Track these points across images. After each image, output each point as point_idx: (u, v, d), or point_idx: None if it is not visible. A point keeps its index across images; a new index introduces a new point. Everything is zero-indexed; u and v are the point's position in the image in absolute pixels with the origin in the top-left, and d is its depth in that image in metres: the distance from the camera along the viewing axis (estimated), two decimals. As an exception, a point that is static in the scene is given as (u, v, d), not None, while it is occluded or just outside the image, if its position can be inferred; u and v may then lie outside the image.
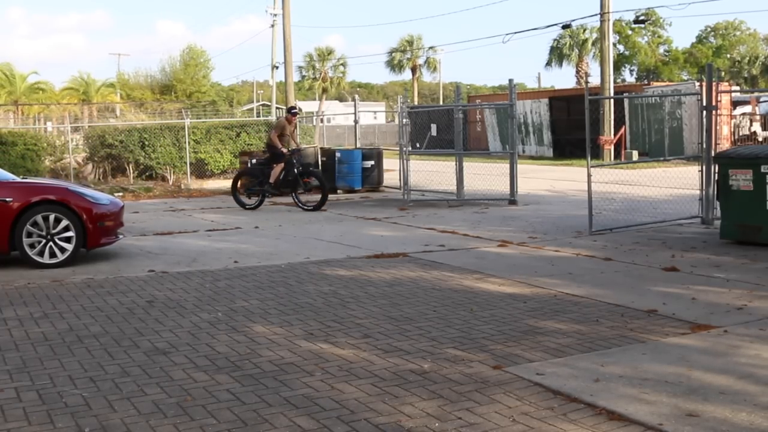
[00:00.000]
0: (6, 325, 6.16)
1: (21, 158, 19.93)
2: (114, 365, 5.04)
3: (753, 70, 63.39)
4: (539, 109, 32.60)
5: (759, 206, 8.95)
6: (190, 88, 40.97)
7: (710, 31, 69.06)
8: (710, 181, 10.73)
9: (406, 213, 13.74)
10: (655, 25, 64.30)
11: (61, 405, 4.31)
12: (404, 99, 18.55)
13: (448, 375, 4.68)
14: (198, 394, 4.44)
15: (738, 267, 7.88)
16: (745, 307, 6.22)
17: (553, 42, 55.70)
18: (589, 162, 10.70)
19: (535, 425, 3.89)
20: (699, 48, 67.13)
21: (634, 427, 3.83)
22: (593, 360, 4.90)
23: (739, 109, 28.11)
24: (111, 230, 9.39)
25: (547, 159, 30.73)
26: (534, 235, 10.52)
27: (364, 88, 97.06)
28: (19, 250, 8.86)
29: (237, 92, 75.88)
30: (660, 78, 61.34)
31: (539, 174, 22.03)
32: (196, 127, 22.90)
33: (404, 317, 6.08)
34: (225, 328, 5.93)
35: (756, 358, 4.85)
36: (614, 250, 9.07)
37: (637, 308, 6.25)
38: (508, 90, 15.34)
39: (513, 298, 6.75)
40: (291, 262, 8.83)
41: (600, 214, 11.18)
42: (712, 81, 11.14)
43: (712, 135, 11.13)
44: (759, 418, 3.87)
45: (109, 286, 7.70)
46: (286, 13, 23.89)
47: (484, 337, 5.53)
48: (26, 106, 44.11)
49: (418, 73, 62.13)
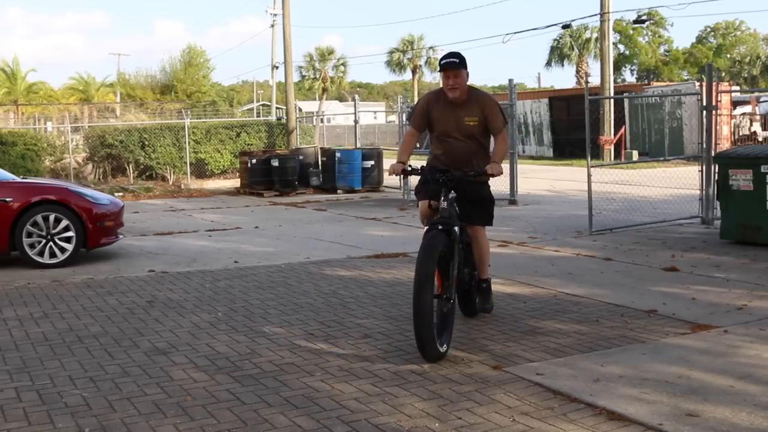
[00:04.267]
0: (6, 325, 6.16)
1: (21, 158, 19.94)
2: (114, 365, 5.04)
3: (753, 70, 63.37)
4: (539, 109, 32.60)
5: (759, 206, 8.95)
6: (190, 88, 41.00)
7: (710, 31, 69.08)
8: (710, 181, 10.73)
9: (406, 213, 13.74)
10: (656, 25, 64.34)
11: (61, 405, 4.31)
12: (404, 99, 18.56)
13: (448, 375, 4.68)
14: (198, 394, 4.44)
15: (738, 267, 7.88)
16: (745, 307, 6.22)
17: (553, 42, 55.69)
18: (589, 162, 10.70)
19: (535, 425, 3.88)
20: (699, 48, 67.16)
21: (634, 427, 3.83)
22: (593, 360, 4.90)
23: (739, 109, 28.10)
24: (111, 230, 9.39)
25: (547, 159, 30.74)
26: (534, 235, 10.51)
27: (365, 88, 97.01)
28: (19, 250, 8.87)
29: (237, 92, 75.83)
30: (660, 78, 61.37)
31: (539, 174, 22.04)
32: (196, 127, 22.91)
33: (404, 317, 6.08)
34: (225, 328, 5.93)
35: (756, 358, 4.85)
36: (614, 250, 9.07)
37: (637, 308, 6.25)
38: (508, 90, 15.34)
39: (513, 298, 6.75)
40: (291, 262, 8.83)
41: (600, 214, 11.18)
42: (712, 81, 11.14)
43: (712, 135, 11.13)
44: (759, 418, 3.87)
45: (109, 286, 7.70)
46: (286, 13, 23.86)
47: (484, 337, 5.53)
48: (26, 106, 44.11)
49: (418, 73, 62.12)
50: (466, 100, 5.56)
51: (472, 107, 5.58)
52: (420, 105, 5.79)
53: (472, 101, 5.59)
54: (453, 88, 5.49)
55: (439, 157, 5.69)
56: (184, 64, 41.65)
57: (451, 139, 5.63)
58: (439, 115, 5.63)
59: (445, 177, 5.28)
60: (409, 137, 5.78)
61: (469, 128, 5.59)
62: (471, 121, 5.57)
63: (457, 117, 5.58)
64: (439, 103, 5.64)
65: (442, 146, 5.69)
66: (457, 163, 5.55)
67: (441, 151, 5.71)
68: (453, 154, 5.63)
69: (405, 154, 5.66)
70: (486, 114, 5.59)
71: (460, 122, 5.59)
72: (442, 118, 5.62)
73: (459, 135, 5.61)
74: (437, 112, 5.64)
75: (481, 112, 5.58)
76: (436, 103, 5.66)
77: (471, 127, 5.59)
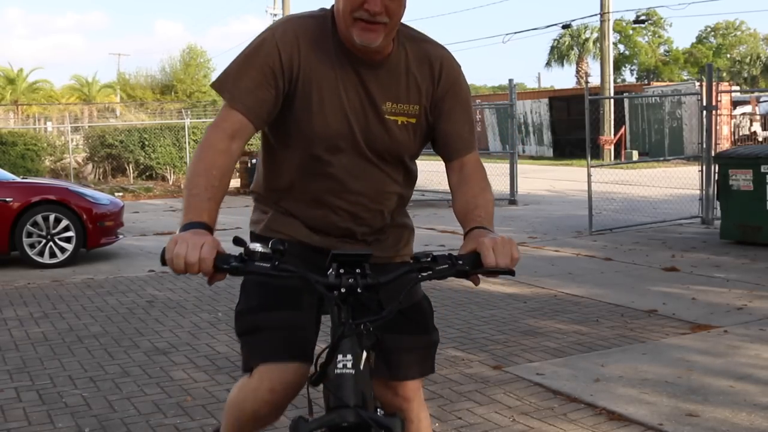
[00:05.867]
0: (6, 325, 6.16)
1: (21, 158, 19.94)
2: (114, 365, 5.03)
3: (753, 70, 63.36)
4: (539, 109, 32.59)
5: (759, 206, 8.95)
6: (190, 87, 41.00)
7: (710, 31, 69.05)
8: (710, 181, 10.74)
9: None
10: (655, 25, 64.33)
11: (61, 405, 4.30)
12: (404, 99, 18.53)
13: (448, 375, 4.67)
14: (198, 394, 4.44)
15: (738, 267, 7.88)
16: (745, 307, 6.22)
17: (553, 42, 55.66)
18: (589, 162, 10.71)
19: (535, 425, 3.88)
20: (699, 48, 67.15)
21: (634, 427, 3.83)
22: (593, 360, 4.90)
23: (739, 109, 28.10)
24: (111, 230, 9.39)
25: (547, 159, 30.73)
26: (534, 235, 10.52)
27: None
28: (19, 250, 8.87)
29: (237, 92, 75.73)
30: (660, 78, 61.35)
31: (539, 174, 22.04)
32: (197, 127, 22.89)
33: (404, 317, 6.08)
34: (225, 328, 5.93)
35: (756, 358, 4.85)
36: (614, 250, 9.07)
37: (637, 308, 6.25)
38: (508, 90, 15.35)
39: (513, 298, 6.75)
40: (291, 262, 8.82)
41: (600, 214, 11.18)
42: (712, 81, 11.15)
43: (712, 135, 11.14)
44: (759, 418, 3.86)
45: (109, 286, 7.70)
46: (286, 14, 23.93)
47: (484, 337, 5.53)
48: (26, 105, 44.12)
49: (418, 73, 62.03)
50: (391, 56, 2.15)
51: (410, 77, 2.18)
52: (264, 51, 2.09)
53: (410, 61, 2.18)
54: (372, 24, 1.99)
55: (306, 217, 2.28)
56: (184, 64, 41.66)
57: (347, 161, 2.19)
58: (323, 91, 2.12)
59: (364, 281, 1.82)
60: (218, 152, 2.05)
61: (398, 133, 2.20)
62: (403, 116, 2.19)
63: (370, 100, 2.15)
64: (324, 56, 2.11)
65: (318, 184, 2.22)
66: (355, 230, 2.28)
67: (309, 201, 2.25)
68: (350, 206, 2.25)
69: (208, 203, 2.01)
70: (444, 97, 2.20)
71: (377, 115, 2.17)
72: (331, 101, 2.13)
73: (372, 150, 2.20)
74: (317, 80, 2.11)
75: (433, 91, 2.20)
76: (313, 54, 2.11)
77: (401, 131, 2.20)
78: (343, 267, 1.81)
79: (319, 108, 2.10)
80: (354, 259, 1.82)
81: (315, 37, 2.10)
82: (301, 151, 2.18)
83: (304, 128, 2.13)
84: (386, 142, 2.19)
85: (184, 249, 1.80)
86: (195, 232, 1.85)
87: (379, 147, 2.19)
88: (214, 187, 2.00)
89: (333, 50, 2.10)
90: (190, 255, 1.78)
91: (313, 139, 2.14)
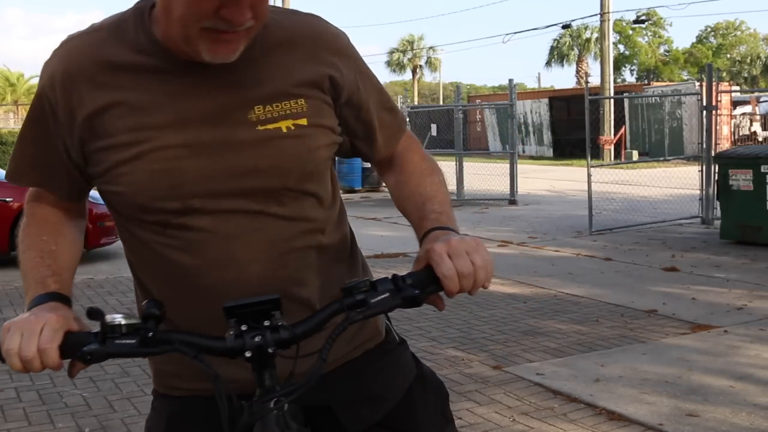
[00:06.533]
0: (6, 325, 6.16)
1: (21, 158, 19.95)
2: (114, 365, 5.03)
3: (753, 70, 63.39)
4: (539, 109, 32.60)
5: (759, 206, 8.95)
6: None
7: (710, 31, 69.07)
8: (710, 181, 10.74)
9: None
10: (655, 25, 64.34)
11: (61, 405, 4.30)
12: (404, 99, 18.58)
13: (448, 375, 4.67)
14: (198, 394, 4.44)
15: (738, 267, 7.88)
16: (745, 307, 6.22)
17: (553, 42, 55.72)
18: (589, 162, 10.71)
19: (535, 425, 3.88)
20: (699, 48, 67.16)
21: (634, 427, 3.83)
22: (593, 360, 4.90)
23: (739, 109, 28.10)
24: (111, 230, 9.38)
25: (547, 159, 30.74)
26: (534, 235, 10.52)
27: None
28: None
29: (237, 92, 75.79)
30: (660, 78, 61.37)
31: (539, 174, 22.04)
32: (196, 127, 22.90)
33: (404, 317, 6.08)
34: (225, 328, 5.93)
35: (756, 358, 4.85)
36: (614, 250, 9.07)
37: (637, 308, 6.25)
38: (508, 90, 15.35)
39: (513, 298, 6.75)
40: (291, 262, 8.82)
41: (600, 214, 11.18)
42: (712, 81, 11.15)
43: (712, 135, 11.14)
44: (759, 418, 3.86)
45: (109, 286, 7.70)
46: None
47: (484, 337, 5.53)
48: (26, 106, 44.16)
49: (418, 74, 62.13)
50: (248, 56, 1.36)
51: (279, 63, 1.41)
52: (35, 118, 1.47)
53: (273, 42, 1.41)
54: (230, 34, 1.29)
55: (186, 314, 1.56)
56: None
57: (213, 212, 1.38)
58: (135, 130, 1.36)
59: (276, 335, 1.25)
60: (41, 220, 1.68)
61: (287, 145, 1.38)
62: (287, 119, 1.38)
63: (223, 113, 1.36)
64: (129, 79, 1.37)
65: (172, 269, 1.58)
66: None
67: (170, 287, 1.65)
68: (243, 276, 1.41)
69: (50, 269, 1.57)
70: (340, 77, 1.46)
71: (243, 129, 1.36)
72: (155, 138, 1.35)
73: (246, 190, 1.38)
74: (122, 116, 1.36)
75: (319, 73, 1.43)
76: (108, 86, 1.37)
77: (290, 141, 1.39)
78: (245, 322, 1.24)
79: (137, 153, 1.35)
80: (257, 308, 1.24)
81: (107, 57, 1.37)
82: (137, 224, 1.50)
83: (124, 190, 1.42)
84: (270, 165, 1.36)
85: (16, 341, 1.24)
86: (38, 310, 1.34)
87: (261, 179, 1.37)
88: (52, 251, 1.54)
89: (147, 65, 1.36)
90: (24, 348, 1.23)
91: (143, 200, 1.40)
